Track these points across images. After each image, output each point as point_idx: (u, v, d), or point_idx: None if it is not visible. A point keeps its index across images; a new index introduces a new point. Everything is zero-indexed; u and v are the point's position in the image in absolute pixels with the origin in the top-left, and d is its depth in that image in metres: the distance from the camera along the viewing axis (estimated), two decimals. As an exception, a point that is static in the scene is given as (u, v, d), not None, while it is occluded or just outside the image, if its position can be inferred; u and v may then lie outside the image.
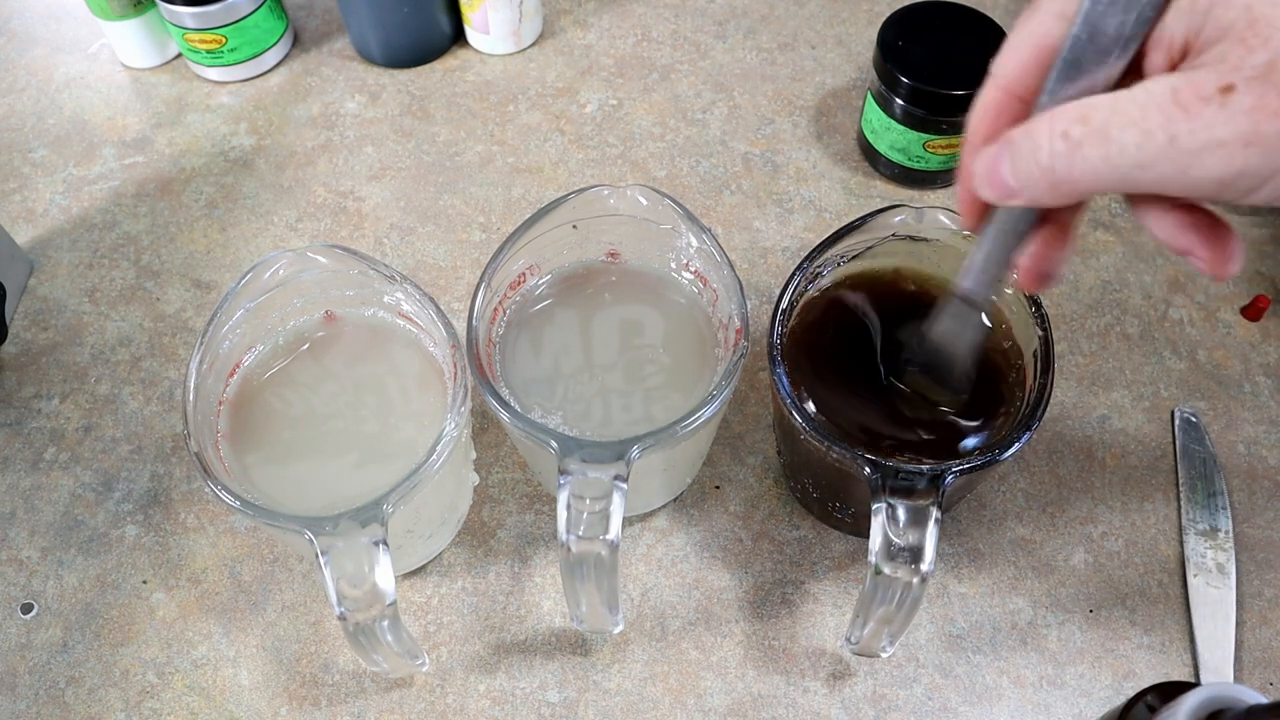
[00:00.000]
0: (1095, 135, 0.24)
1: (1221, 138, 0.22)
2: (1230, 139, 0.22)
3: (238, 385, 0.42)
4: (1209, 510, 0.45)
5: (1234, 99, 0.22)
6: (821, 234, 0.51)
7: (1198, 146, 0.22)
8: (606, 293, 0.45)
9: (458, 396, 0.37)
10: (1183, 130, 0.22)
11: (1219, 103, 0.22)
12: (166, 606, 0.45)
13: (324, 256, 0.41)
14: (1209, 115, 0.22)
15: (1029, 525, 0.46)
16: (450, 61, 0.65)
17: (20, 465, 0.49)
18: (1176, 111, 0.22)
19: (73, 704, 0.42)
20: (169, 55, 0.66)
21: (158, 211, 0.58)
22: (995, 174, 0.26)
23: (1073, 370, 0.50)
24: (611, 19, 0.67)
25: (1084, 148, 0.24)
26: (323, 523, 0.35)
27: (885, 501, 0.35)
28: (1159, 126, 0.22)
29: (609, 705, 0.42)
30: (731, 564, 0.45)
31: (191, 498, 0.48)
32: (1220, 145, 0.22)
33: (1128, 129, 0.23)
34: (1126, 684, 0.42)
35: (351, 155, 0.60)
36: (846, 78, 0.63)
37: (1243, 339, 0.51)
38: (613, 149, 0.60)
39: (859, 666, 0.42)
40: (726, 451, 0.48)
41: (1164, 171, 0.23)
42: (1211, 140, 0.22)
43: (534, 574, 0.45)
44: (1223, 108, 0.22)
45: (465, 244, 0.56)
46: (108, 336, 0.53)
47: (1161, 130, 0.22)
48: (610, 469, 0.35)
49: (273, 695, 0.42)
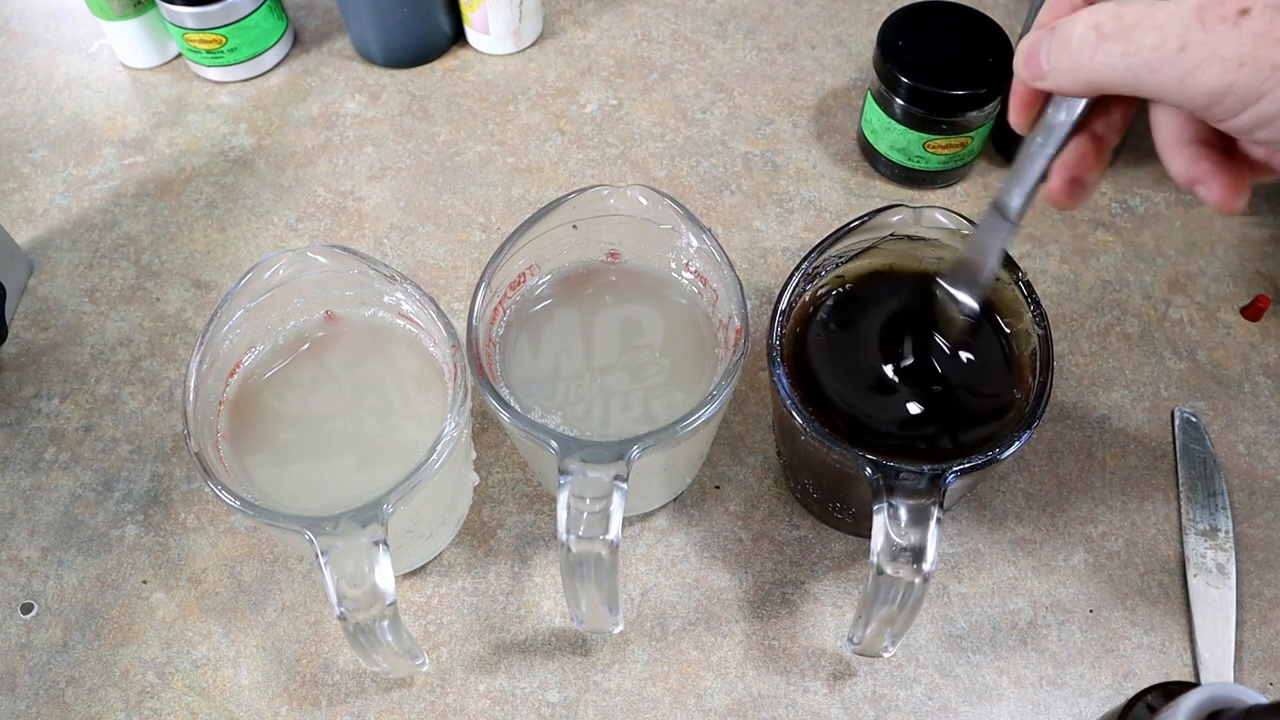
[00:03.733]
0: (1121, 32, 0.25)
1: (1222, 53, 0.24)
2: (1229, 56, 0.23)
3: (238, 385, 0.42)
4: (1209, 510, 0.45)
5: (1246, 21, 0.23)
6: (821, 234, 0.51)
7: (1200, 58, 0.24)
8: (606, 293, 0.45)
9: (458, 396, 0.37)
10: (1194, 41, 0.24)
11: (1233, 22, 0.23)
12: (166, 606, 0.45)
13: (324, 256, 0.41)
14: (1220, 32, 0.24)
15: (1029, 525, 0.46)
16: (450, 61, 0.65)
17: (20, 465, 0.49)
18: (1196, 25, 0.24)
19: (73, 704, 0.42)
20: (169, 55, 0.66)
21: (158, 211, 0.58)
22: (1034, 55, 0.28)
23: (1073, 370, 0.50)
24: (611, 19, 0.67)
25: (1108, 41, 0.26)
26: (323, 523, 0.35)
27: (886, 502, 0.35)
28: (1175, 35, 0.24)
29: (609, 705, 0.42)
30: (731, 564, 0.45)
31: (191, 498, 0.48)
32: (1219, 60, 0.24)
33: (1149, 32, 0.25)
34: (1126, 684, 0.42)
35: (351, 155, 0.60)
36: (846, 78, 0.63)
37: (1243, 339, 0.51)
38: (613, 149, 0.60)
39: (859, 666, 0.42)
40: (726, 451, 0.48)
41: (1167, 76, 0.25)
42: (1214, 54, 0.24)
43: (534, 574, 0.45)
44: (1234, 27, 0.23)
45: (465, 244, 0.56)
46: (108, 336, 0.53)
47: (1176, 38, 0.24)
48: (610, 469, 0.35)
49: (273, 695, 0.42)
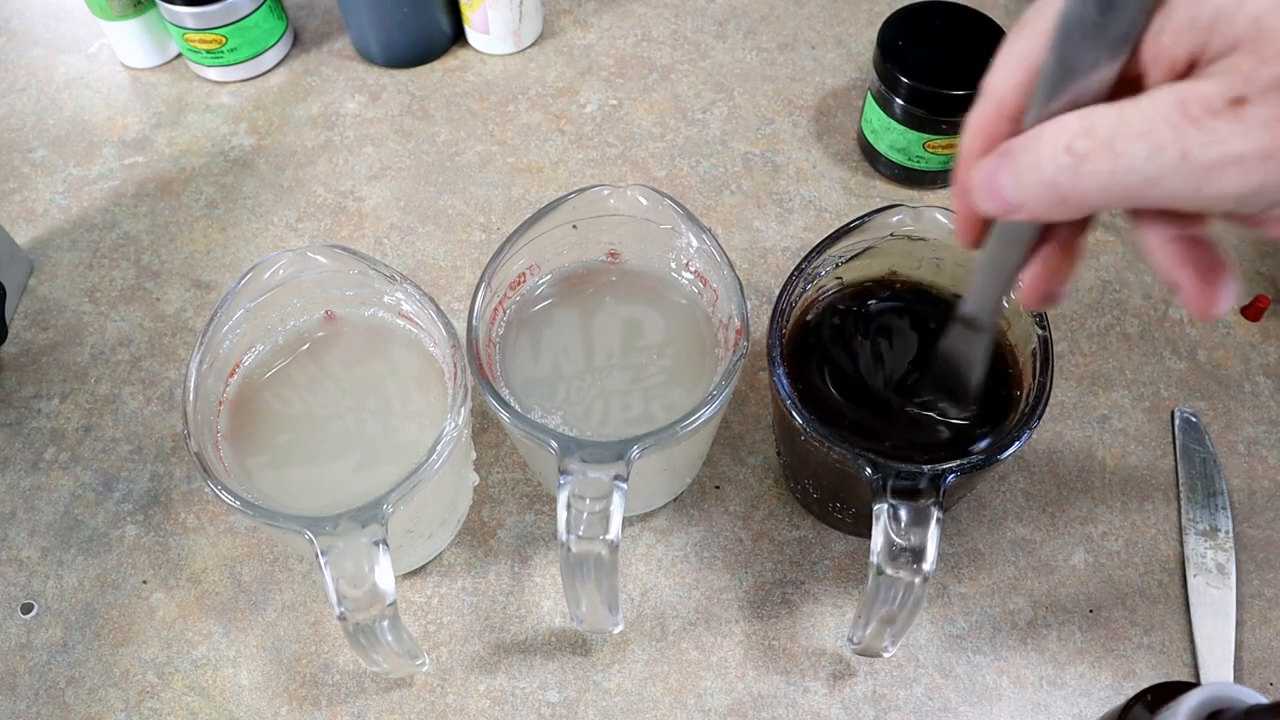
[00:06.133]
0: (1102, 149, 0.23)
1: (1239, 152, 0.21)
2: (1248, 153, 0.21)
3: (238, 385, 0.42)
4: (1209, 510, 0.45)
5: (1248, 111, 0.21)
6: (821, 234, 0.51)
7: (1212, 162, 0.21)
8: (606, 293, 0.45)
9: (458, 396, 0.37)
10: (1194, 144, 0.21)
11: (1231, 116, 0.21)
12: (166, 606, 0.45)
13: (324, 256, 0.41)
14: (1222, 129, 0.21)
15: (1029, 525, 0.46)
16: (450, 61, 0.65)
17: (20, 465, 0.49)
18: (1185, 124, 0.21)
19: (73, 704, 0.42)
20: (169, 55, 0.66)
21: (158, 211, 0.58)
22: (994, 187, 0.25)
23: (1073, 370, 0.50)
24: (611, 19, 0.67)
25: (1090, 162, 0.23)
26: (323, 523, 0.35)
27: (887, 502, 0.35)
28: (1169, 141, 0.21)
29: (609, 705, 0.42)
30: (731, 564, 0.45)
31: (191, 498, 0.48)
32: (1238, 160, 0.21)
33: (1136, 142, 0.22)
34: (1126, 684, 0.42)
35: (351, 155, 0.60)
36: (846, 78, 0.63)
37: (1243, 339, 0.51)
38: (613, 149, 0.60)
39: (859, 666, 0.42)
40: (726, 451, 0.48)
41: (1176, 187, 0.22)
42: (1228, 155, 0.21)
43: (534, 574, 0.45)
44: (1236, 121, 0.21)
45: (465, 244, 0.56)
46: (108, 336, 0.53)
47: (1172, 145, 0.21)
48: (610, 469, 0.35)
49: (273, 695, 0.42)
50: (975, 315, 0.32)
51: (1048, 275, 0.29)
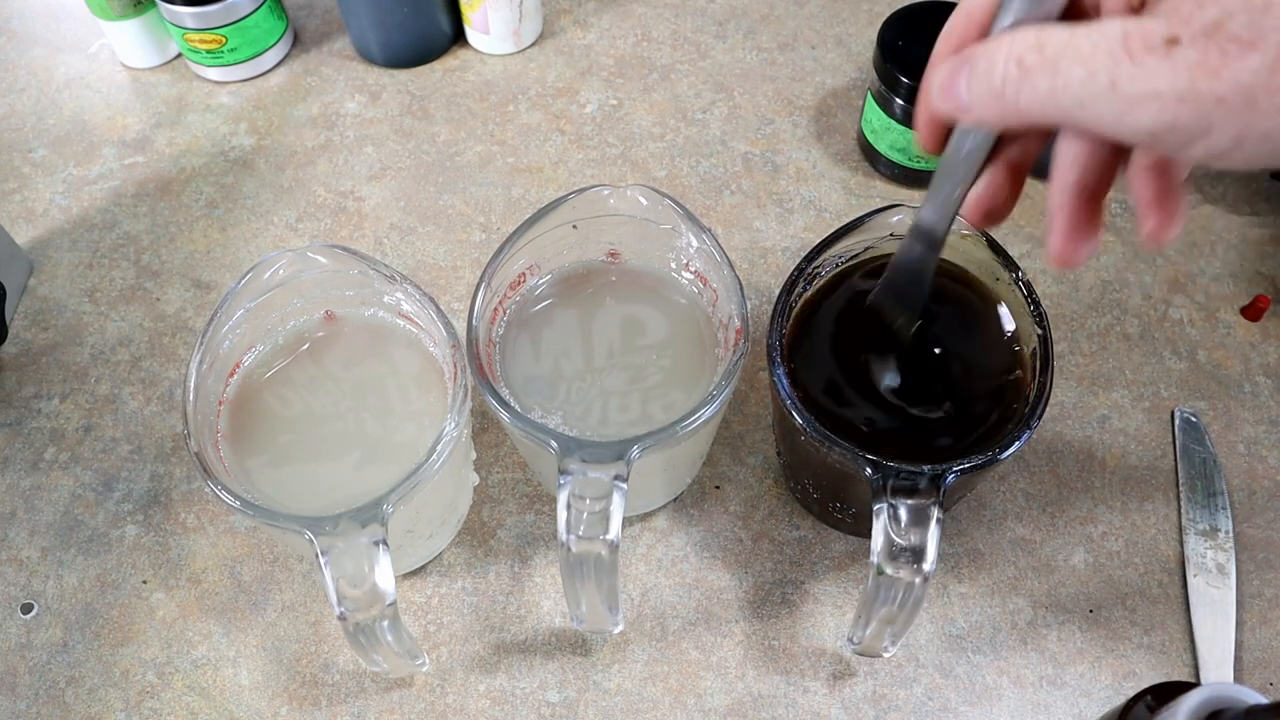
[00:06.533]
0: (1046, 65, 0.24)
1: (1158, 89, 0.22)
2: (1166, 91, 0.22)
3: (238, 385, 0.42)
4: (1209, 510, 0.45)
5: (1178, 52, 0.22)
6: (821, 234, 0.51)
7: (1134, 94, 0.22)
8: (607, 293, 0.45)
9: (458, 396, 0.37)
10: (1124, 75, 0.22)
11: (1162, 53, 0.22)
12: (166, 606, 0.45)
13: (324, 256, 0.41)
14: (1151, 65, 0.22)
15: (1029, 525, 0.46)
16: (450, 61, 0.65)
17: (20, 465, 0.49)
18: (1123, 56, 0.22)
19: (73, 704, 0.42)
20: (169, 55, 0.66)
21: (158, 211, 0.58)
22: (952, 87, 0.27)
23: (1073, 370, 0.50)
24: (611, 19, 0.67)
25: (1033, 76, 0.24)
26: (323, 523, 0.35)
27: (887, 502, 0.35)
28: (1103, 68, 0.23)
29: (609, 705, 0.42)
30: (731, 564, 0.45)
31: (191, 498, 0.48)
32: (1155, 96, 0.22)
33: (1075, 65, 0.23)
34: (1126, 684, 0.42)
35: (351, 155, 0.60)
36: (846, 78, 0.63)
37: (1243, 339, 0.51)
38: (613, 149, 0.60)
39: (859, 666, 0.42)
40: (726, 451, 0.48)
41: (1101, 113, 0.23)
42: (1149, 90, 0.22)
43: (534, 574, 0.45)
44: (1165, 59, 0.22)
45: (465, 244, 0.56)
46: (108, 336, 0.53)
47: (1105, 72, 0.23)
48: (610, 469, 0.35)
49: (273, 695, 0.42)
50: (928, 225, 0.34)
51: (992, 193, 0.31)
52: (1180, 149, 0.23)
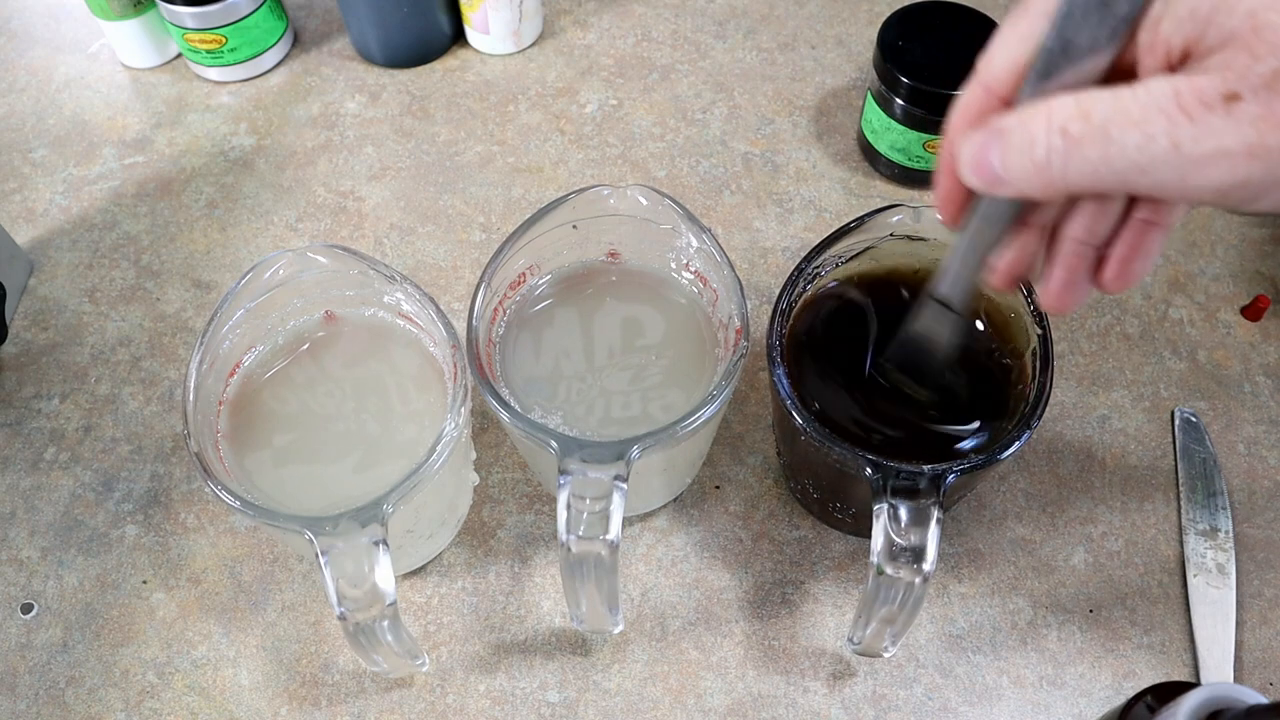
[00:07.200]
0: (1096, 134, 0.23)
1: (1226, 147, 0.21)
2: (1234, 148, 0.21)
3: (238, 385, 0.42)
4: (1209, 510, 0.45)
5: (1239, 108, 0.21)
6: (821, 234, 0.51)
7: (1200, 155, 0.22)
8: (606, 293, 0.45)
9: (458, 396, 0.37)
10: (1186, 136, 0.22)
11: (1223, 111, 0.21)
12: (166, 606, 0.45)
13: (324, 256, 0.41)
14: (1213, 123, 0.21)
15: (1029, 525, 0.46)
16: (450, 61, 0.65)
17: (20, 465, 0.49)
18: (1179, 116, 0.22)
19: (73, 704, 0.42)
20: (169, 55, 0.66)
21: (158, 211, 0.58)
22: (982, 161, 0.26)
23: (1073, 370, 0.50)
24: (611, 19, 0.67)
25: (1083, 146, 0.23)
26: (323, 523, 0.35)
27: (887, 502, 0.35)
28: (1161, 131, 0.22)
29: (609, 705, 0.42)
30: (731, 564, 0.45)
31: (191, 498, 0.48)
32: (1225, 155, 0.21)
33: (1129, 130, 0.22)
34: (1126, 684, 0.42)
35: (351, 155, 0.60)
36: (846, 78, 0.63)
37: (1243, 339, 0.51)
38: (613, 149, 0.60)
39: (859, 666, 0.42)
40: (726, 451, 0.48)
41: (1163, 177, 0.22)
42: (1216, 149, 0.21)
43: (534, 574, 0.45)
44: (1227, 116, 0.21)
45: (465, 244, 0.56)
46: (108, 336, 0.53)
47: (1164, 135, 0.22)
48: (610, 469, 0.35)
49: (273, 695, 0.42)
50: (949, 294, 0.33)
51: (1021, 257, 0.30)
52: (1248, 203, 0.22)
